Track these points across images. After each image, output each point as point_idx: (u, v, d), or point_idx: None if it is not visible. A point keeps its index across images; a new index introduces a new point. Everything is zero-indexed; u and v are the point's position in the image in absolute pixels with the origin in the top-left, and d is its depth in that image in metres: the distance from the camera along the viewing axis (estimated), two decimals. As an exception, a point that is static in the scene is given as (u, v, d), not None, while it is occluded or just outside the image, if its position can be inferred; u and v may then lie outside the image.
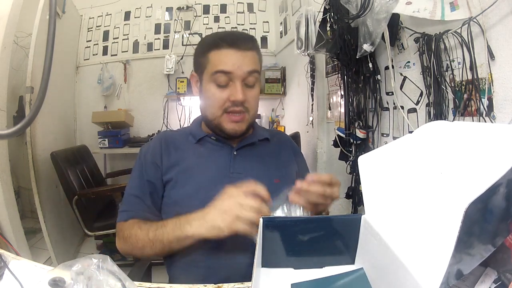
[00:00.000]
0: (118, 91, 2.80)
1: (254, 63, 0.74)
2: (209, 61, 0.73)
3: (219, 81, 0.72)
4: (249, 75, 0.73)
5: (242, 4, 2.93)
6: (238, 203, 0.58)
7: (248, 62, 0.72)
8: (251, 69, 0.73)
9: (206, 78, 0.75)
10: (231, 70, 0.71)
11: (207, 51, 0.74)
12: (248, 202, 0.57)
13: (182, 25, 2.85)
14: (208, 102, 0.77)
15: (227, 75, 0.71)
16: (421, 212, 0.45)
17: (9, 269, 0.50)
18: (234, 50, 0.72)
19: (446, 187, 0.47)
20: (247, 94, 0.73)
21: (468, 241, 0.34)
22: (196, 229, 0.61)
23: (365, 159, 0.53)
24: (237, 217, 0.57)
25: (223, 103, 0.73)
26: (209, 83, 0.74)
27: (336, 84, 1.71)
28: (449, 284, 0.34)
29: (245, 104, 0.74)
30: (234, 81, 0.72)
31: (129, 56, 2.82)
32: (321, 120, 2.01)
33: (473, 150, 0.45)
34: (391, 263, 0.40)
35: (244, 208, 0.57)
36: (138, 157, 0.82)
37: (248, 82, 0.74)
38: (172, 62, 2.76)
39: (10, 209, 1.38)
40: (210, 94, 0.74)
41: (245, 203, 0.57)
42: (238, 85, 0.72)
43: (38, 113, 0.37)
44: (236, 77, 0.72)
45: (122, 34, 2.82)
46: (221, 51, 0.72)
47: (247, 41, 0.74)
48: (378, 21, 1.10)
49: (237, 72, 0.71)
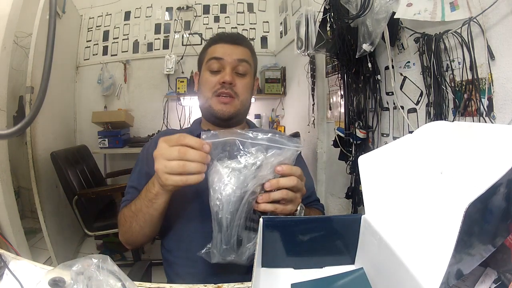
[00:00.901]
0: (118, 91, 2.80)
1: (245, 54, 0.83)
2: (207, 53, 0.84)
3: (212, 67, 0.81)
4: (239, 63, 0.81)
5: (242, 4, 2.93)
6: (163, 159, 0.55)
7: (238, 52, 0.82)
8: (241, 57, 0.81)
9: (203, 68, 0.84)
10: (222, 56, 0.80)
11: (208, 47, 0.85)
12: (170, 154, 0.54)
13: (182, 25, 2.85)
14: (202, 87, 0.84)
15: (218, 61, 0.80)
16: (421, 212, 0.45)
17: (9, 269, 0.50)
18: (228, 44, 0.82)
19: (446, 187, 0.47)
20: (237, 80, 0.81)
21: (468, 241, 0.34)
22: (157, 186, 0.61)
23: (365, 159, 0.53)
24: (165, 172, 0.55)
25: (213, 86, 0.80)
26: (204, 71, 0.83)
27: (336, 84, 1.71)
28: (449, 284, 0.34)
29: (234, 89, 0.80)
30: (225, 66, 0.80)
31: (129, 56, 2.82)
32: (321, 120, 2.01)
33: (473, 150, 0.45)
34: (391, 263, 0.40)
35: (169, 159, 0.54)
36: (141, 152, 0.86)
37: (238, 70, 0.81)
38: (172, 62, 2.76)
39: (10, 209, 1.38)
40: (204, 80, 0.83)
41: (167, 155, 0.54)
42: (228, 70, 0.80)
43: (38, 113, 0.37)
44: (227, 63, 0.80)
45: (122, 34, 2.82)
46: (217, 45, 0.83)
47: (241, 39, 0.85)
48: (378, 21, 1.10)
49: (227, 58, 0.80)
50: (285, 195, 0.55)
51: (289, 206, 0.57)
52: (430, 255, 0.35)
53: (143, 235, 0.71)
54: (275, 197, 0.54)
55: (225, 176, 0.52)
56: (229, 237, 0.54)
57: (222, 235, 0.53)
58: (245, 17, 2.93)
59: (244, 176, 0.52)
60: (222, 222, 0.52)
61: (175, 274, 0.76)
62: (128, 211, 0.70)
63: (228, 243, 0.54)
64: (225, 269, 0.68)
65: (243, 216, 0.53)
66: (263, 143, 0.52)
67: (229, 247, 0.54)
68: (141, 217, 0.67)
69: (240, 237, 0.54)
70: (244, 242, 0.55)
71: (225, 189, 0.51)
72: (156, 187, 0.61)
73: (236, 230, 0.53)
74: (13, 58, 1.55)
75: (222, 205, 0.52)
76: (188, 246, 0.73)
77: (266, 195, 0.54)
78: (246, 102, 0.85)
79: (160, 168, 0.55)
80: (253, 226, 0.56)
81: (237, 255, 0.55)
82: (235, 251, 0.55)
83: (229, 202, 0.51)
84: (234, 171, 0.52)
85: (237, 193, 0.51)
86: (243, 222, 0.54)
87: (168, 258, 0.77)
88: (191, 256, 0.69)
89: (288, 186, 0.55)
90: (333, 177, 1.91)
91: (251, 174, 0.52)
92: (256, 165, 0.52)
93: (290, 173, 0.54)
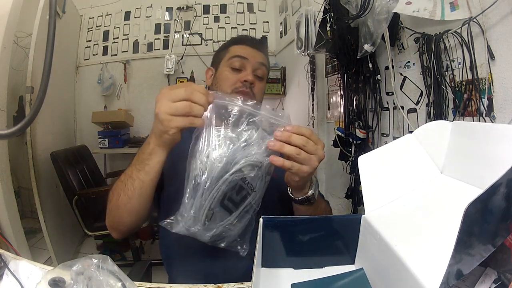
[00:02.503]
0: (118, 91, 2.80)
1: (264, 59, 0.86)
2: (229, 51, 0.84)
3: (234, 64, 0.81)
4: (260, 66, 0.82)
5: (242, 4, 2.93)
6: (167, 100, 0.53)
7: (260, 56, 0.84)
8: (263, 61, 0.84)
9: (223, 64, 0.84)
10: (247, 56, 0.81)
11: (229, 46, 0.86)
12: (176, 94, 0.52)
13: (182, 25, 2.85)
14: (220, 83, 0.83)
15: (242, 60, 0.81)
16: (421, 212, 0.45)
17: (9, 269, 0.50)
18: (252, 48, 0.84)
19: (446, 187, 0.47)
20: (256, 82, 0.81)
21: (468, 241, 0.34)
22: (152, 142, 0.59)
23: (365, 159, 0.53)
24: (167, 113, 0.52)
25: (234, 83, 0.80)
26: (224, 67, 0.83)
27: (336, 84, 1.70)
28: (449, 284, 0.34)
29: (253, 89, 0.80)
30: (246, 67, 0.81)
31: (129, 56, 2.82)
32: (321, 120, 2.01)
33: (473, 150, 0.45)
34: (391, 263, 0.40)
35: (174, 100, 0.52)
36: None
37: (258, 73, 0.82)
38: (172, 62, 2.76)
39: (10, 209, 1.38)
40: (224, 76, 0.82)
41: (173, 97, 0.52)
42: (249, 70, 0.81)
43: (38, 113, 0.37)
44: (249, 64, 0.81)
45: (122, 34, 2.82)
46: (240, 46, 0.84)
47: (262, 45, 0.91)
48: (379, 21, 1.10)
49: (251, 59, 0.81)
50: (298, 153, 0.52)
51: (305, 166, 0.54)
52: (430, 255, 0.35)
53: (130, 211, 0.63)
54: (289, 151, 0.52)
55: (215, 141, 0.49)
56: (200, 206, 0.50)
57: (195, 201, 0.49)
58: (245, 17, 2.93)
59: (236, 148, 0.49)
60: (198, 188, 0.49)
61: (175, 273, 0.76)
62: (117, 183, 0.64)
63: (197, 213, 0.50)
64: (224, 269, 0.68)
65: (222, 189, 0.49)
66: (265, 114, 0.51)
67: (197, 216, 0.50)
68: (129, 185, 0.61)
69: (212, 211, 0.51)
70: (216, 218, 0.52)
71: (212, 154, 0.48)
72: (152, 143, 0.58)
73: (210, 201, 0.50)
74: (13, 58, 1.55)
75: (205, 169, 0.48)
76: (188, 247, 0.72)
77: (279, 143, 0.51)
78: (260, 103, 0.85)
79: (163, 110, 0.52)
80: (229, 207, 0.53)
81: (203, 228, 0.51)
82: (202, 223, 0.51)
83: (212, 169, 0.48)
84: (226, 139, 0.50)
85: (223, 161, 0.48)
86: (220, 196, 0.50)
87: (168, 258, 0.77)
88: (191, 256, 0.69)
89: (299, 145, 0.52)
90: (333, 177, 1.91)
91: (241, 148, 0.49)
92: (250, 140, 0.49)
93: (299, 132, 0.53)
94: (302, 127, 0.54)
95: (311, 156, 0.54)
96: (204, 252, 0.68)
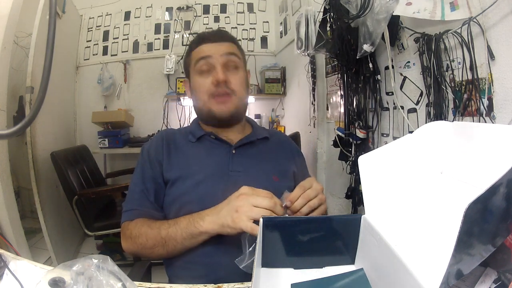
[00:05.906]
0: (118, 91, 2.80)
1: (231, 48, 0.80)
2: (192, 57, 0.81)
3: (201, 69, 0.78)
4: (227, 57, 0.78)
5: (242, 4, 2.93)
6: (250, 203, 0.58)
7: (224, 47, 0.79)
8: (228, 51, 0.79)
9: (192, 72, 0.81)
10: (210, 54, 0.77)
11: (190, 52, 0.83)
12: (261, 201, 0.57)
13: (182, 25, 2.85)
14: (196, 93, 0.81)
15: (207, 60, 0.77)
16: (421, 212, 0.45)
17: (9, 269, 0.50)
18: (211, 43, 0.79)
19: (446, 187, 0.47)
20: (230, 76, 0.78)
21: (468, 241, 0.34)
22: (209, 225, 0.62)
23: (365, 159, 0.53)
24: (247, 216, 0.57)
25: (208, 88, 0.78)
26: (194, 76, 0.80)
27: (336, 84, 1.70)
28: (449, 284, 0.34)
29: (229, 86, 0.78)
30: (215, 65, 0.77)
31: (129, 56, 2.82)
32: (321, 120, 2.01)
33: (473, 150, 0.45)
34: (391, 263, 0.40)
35: (256, 207, 0.57)
36: (141, 154, 0.83)
37: (228, 64, 0.79)
38: (172, 62, 2.76)
39: (10, 209, 1.37)
40: (197, 85, 0.80)
41: (257, 203, 0.57)
42: (218, 68, 0.77)
43: (38, 113, 0.37)
44: (216, 61, 0.77)
45: (122, 34, 2.82)
46: (200, 46, 0.80)
47: (222, 35, 0.83)
48: (378, 21, 1.10)
49: (215, 55, 0.77)
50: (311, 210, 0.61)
51: (322, 206, 0.63)
52: (430, 255, 0.35)
53: (159, 256, 0.70)
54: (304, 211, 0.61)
55: None
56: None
57: None
58: (245, 17, 2.93)
59: None
60: None
61: (175, 273, 0.76)
62: (154, 233, 0.68)
63: None
64: (224, 268, 0.68)
65: None
66: None
67: None
68: (171, 244, 0.66)
69: None
70: None
71: None
72: (207, 225, 0.62)
73: None
74: (13, 58, 1.55)
75: None
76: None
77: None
78: (243, 97, 0.83)
79: (247, 213, 0.57)
80: None
81: None
82: None
83: None
84: None
85: None
86: None
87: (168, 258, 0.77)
88: (190, 255, 0.69)
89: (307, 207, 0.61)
90: (333, 177, 1.91)
91: None
92: None
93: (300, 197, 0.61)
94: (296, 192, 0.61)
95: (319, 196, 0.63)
96: (204, 251, 0.68)
